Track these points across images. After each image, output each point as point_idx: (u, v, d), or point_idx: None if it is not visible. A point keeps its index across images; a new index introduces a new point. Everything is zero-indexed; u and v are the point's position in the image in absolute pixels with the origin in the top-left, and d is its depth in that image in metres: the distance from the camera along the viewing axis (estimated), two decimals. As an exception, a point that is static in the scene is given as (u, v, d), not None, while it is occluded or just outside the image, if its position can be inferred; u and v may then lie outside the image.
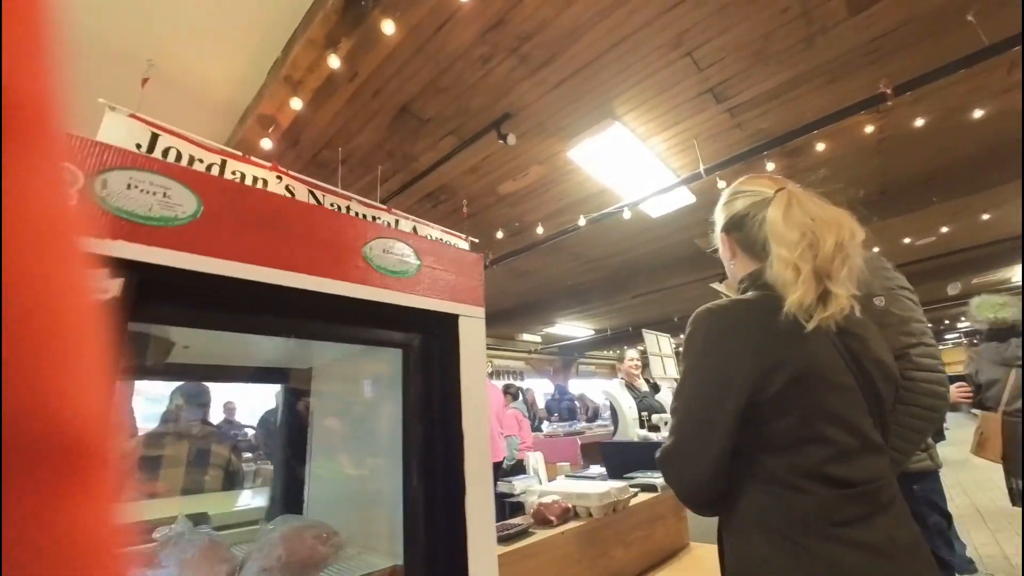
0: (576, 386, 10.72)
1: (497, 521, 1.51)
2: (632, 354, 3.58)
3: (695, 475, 0.82)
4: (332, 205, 3.19)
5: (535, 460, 3.90)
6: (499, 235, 4.41)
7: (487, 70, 2.67)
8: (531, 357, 10.47)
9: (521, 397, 4.74)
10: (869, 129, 3.34)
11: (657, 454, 0.87)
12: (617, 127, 3.14)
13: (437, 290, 0.86)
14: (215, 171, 2.78)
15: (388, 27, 1.97)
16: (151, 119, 2.53)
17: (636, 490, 1.87)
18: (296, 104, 2.42)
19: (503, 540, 1.33)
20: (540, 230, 4.27)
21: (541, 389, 9.27)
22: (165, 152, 2.59)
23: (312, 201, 3.13)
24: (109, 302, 0.55)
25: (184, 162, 2.70)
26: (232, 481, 2.65)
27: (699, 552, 1.98)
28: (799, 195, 0.89)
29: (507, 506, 1.90)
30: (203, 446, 2.42)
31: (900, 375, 1.06)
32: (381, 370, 1.01)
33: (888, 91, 2.70)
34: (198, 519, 1.58)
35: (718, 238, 1.02)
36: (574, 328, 9.41)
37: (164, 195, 0.60)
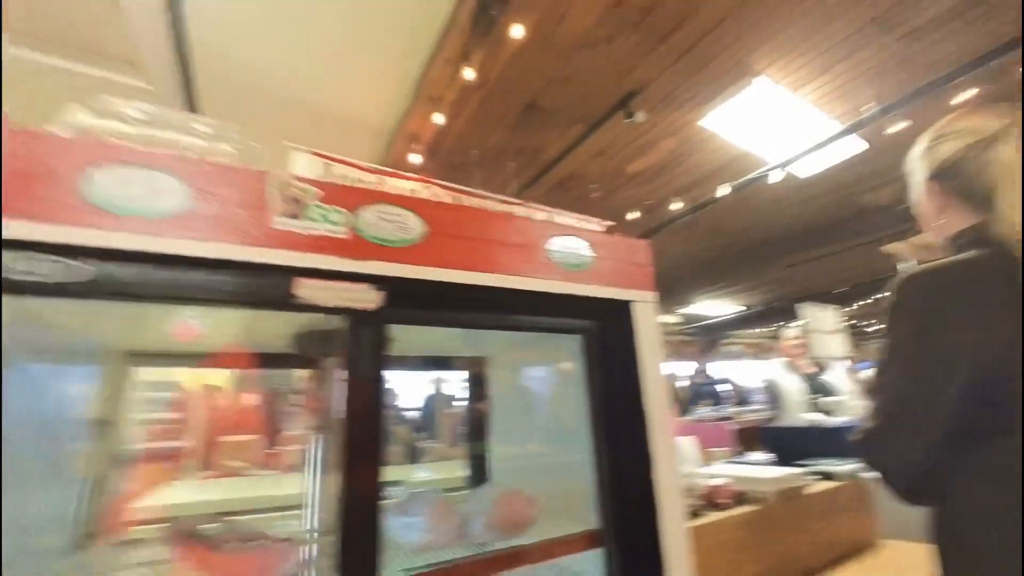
0: (720, 368, 10.04)
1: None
2: (791, 332, 3.26)
3: (909, 460, 0.74)
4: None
5: (688, 445, 3.80)
6: (630, 216, 4.33)
7: (610, 50, 2.63)
8: (670, 339, 10.06)
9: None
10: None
11: (856, 436, 0.80)
12: (758, 83, 2.86)
13: (610, 278, 0.92)
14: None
15: (517, 31, 2.07)
16: (323, 152, 3.00)
17: (815, 477, 1.73)
18: (439, 119, 2.67)
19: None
20: (674, 206, 4.08)
21: (682, 372, 8.86)
22: (337, 178, 3.04)
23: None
24: (376, 309, 0.71)
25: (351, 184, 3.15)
26: (412, 456, 3.05)
27: (891, 551, 1.76)
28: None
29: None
30: (387, 426, 2.83)
31: None
32: (555, 356, 1.11)
33: None
34: (396, 485, 1.88)
35: (918, 189, 0.89)
36: (716, 306, 8.80)
37: (401, 221, 0.74)
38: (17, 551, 0.72)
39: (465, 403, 1.53)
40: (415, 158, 3.07)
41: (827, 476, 1.83)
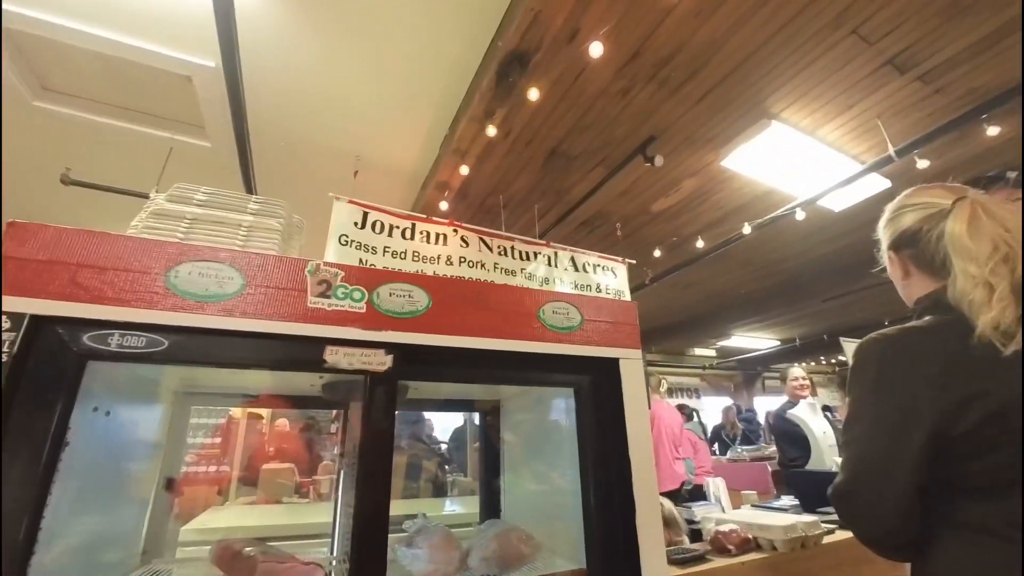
0: (764, 404, 9.65)
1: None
2: (797, 372, 3.22)
3: (880, 514, 0.76)
4: (500, 247, 3.61)
5: (715, 486, 3.71)
6: (656, 253, 4.38)
7: (627, 101, 2.78)
8: (706, 373, 9.79)
9: (696, 418, 4.53)
10: None
11: (830, 491, 0.84)
12: (775, 126, 2.93)
13: (598, 338, 1.03)
14: (408, 234, 3.39)
15: (533, 94, 2.26)
16: (361, 201, 3.25)
17: (831, 527, 1.71)
18: (464, 170, 2.88)
19: (678, 563, 1.39)
20: (700, 243, 4.12)
21: (717, 407, 8.57)
22: (373, 225, 3.27)
23: (484, 247, 3.59)
24: (387, 370, 0.86)
25: (387, 231, 3.36)
26: (440, 490, 3.15)
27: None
28: (986, 203, 0.81)
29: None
30: (416, 460, 2.96)
31: None
32: (557, 403, 1.22)
33: None
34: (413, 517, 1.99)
35: (885, 257, 0.97)
36: (754, 340, 8.55)
37: (409, 296, 0.89)
38: (86, 565, 0.88)
39: (481, 442, 1.65)
40: (444, 205, 3.28)
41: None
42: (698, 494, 4.06)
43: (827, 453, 2.77)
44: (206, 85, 2.71)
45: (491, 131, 2.54)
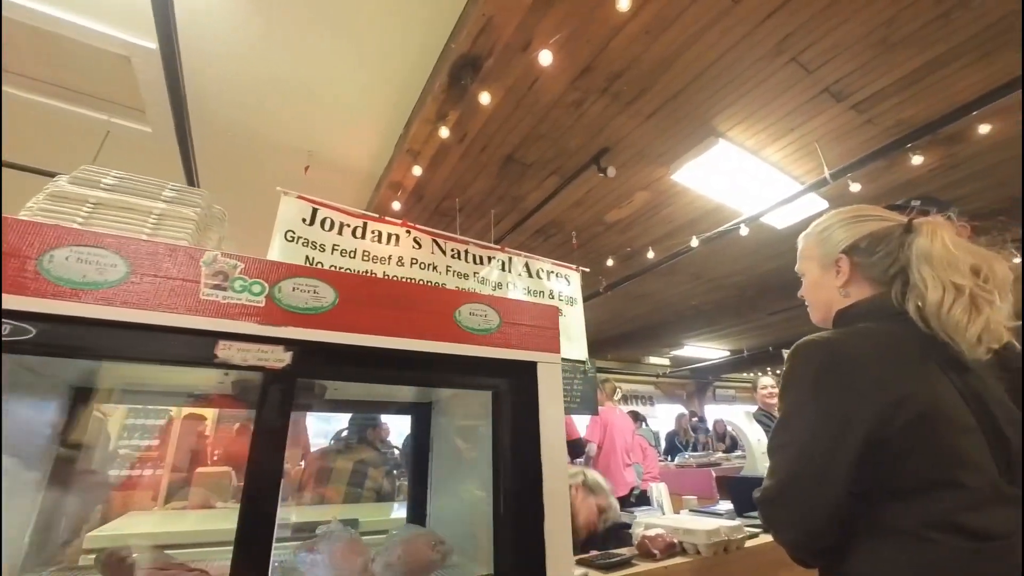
0: (715, 412, 9.96)
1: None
2: (766, 381, 3.34)
3: (807, 521, 0.75)
4: (453, 250, 3.59)
5: (658, 491, 3.79)
6: (609, 263, 4.47)
7: (581, 112, 2.83)
8: (660, 381, 10.03)
9: (645, 425, 4.62)
10: (1055, 100, 2.73)
11: (756, 495, 0.84)
12: (722, 144, 3.05)
13: (517, 342, 1.03)
14: (359, 233, 3.33)
15: (485, 98, 2.26)
16: (311, 197, 3.17)
17: (755, 531, 1.77)
18: (417, 171, 2.85)
19: (603, 568, 1.40)
20: (651, 255, 4.23)
21: (671, 414, 8.78)
22: (323, 222, 3.19)
23: (437, 249, 3.55)
24: (285, 367, 0.82)
25: (336, 228, 3.28)
26: (383, 495, 3.08)
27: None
28: (947, 227, 0.84)
29: (624, 537, 1.93)
30: (362, 466, 2.88)
31: None
32: (480, 406, 1.20)
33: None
34: (349, 524, 1.93)
35: (823, 260, 0.97)
36: (705, 349, 8.83)
37: (314, 292, 0.86)
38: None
39: (412, 446, 1.61)
40: (396, 205, 3.24)
41: (772, 529, 1.86)
42: (646, 499, 4.13)
43: (759, 460, 2.87)
44: (145, 67, 2.58)
45: (444, 133, 2.53)
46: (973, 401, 0.76)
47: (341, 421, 3.12)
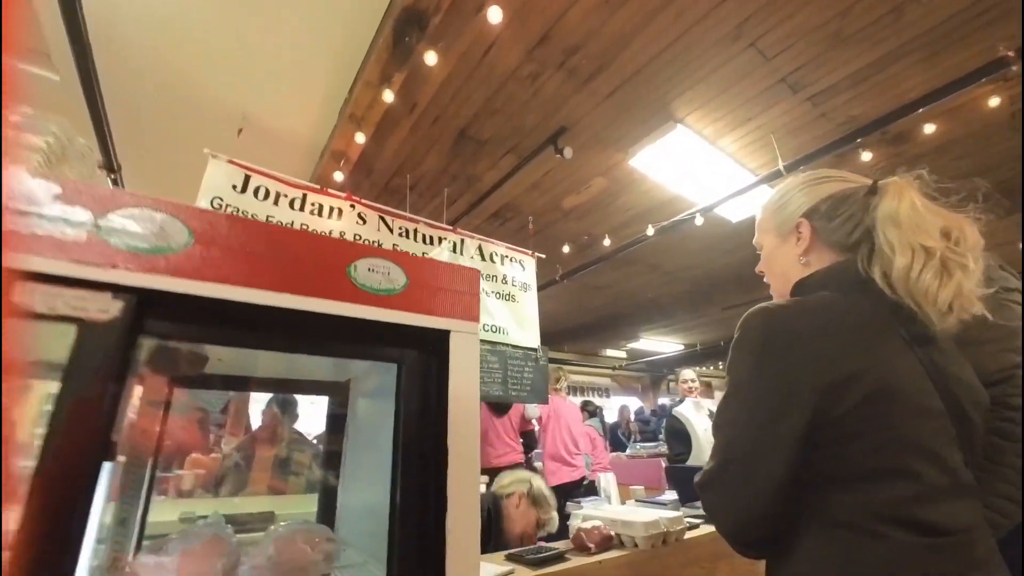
0: (669, 406, 10.14)
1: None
2: (688, 374, 3.35)
3: (744, 506, 0.68)
4: (401, 228, 3.40)
5: (606, 481, 3.75)
6: (565, 249, 4.38)
7: (537, 87, 2.70)
8: (617, 374, 10.13)
9: (599, 415, 4.58)
10: (995, 102, 2.82)
11: (696, 478, 0.76)
12: (680, 130, 2.99)
13: (427, 306, 0.88)
14: (297, 204, 3.08)
15: (431, 58, 2.09)
16: (245, 163, 2.90)
17: (696, 521, 1.71)
18: (360, 138, 2.64)
19: (532, 564, 1.29)
20: (607, 242, 4.16)
21: (631, 407, 8.87)
22: (256, 190, 2.93)
23: (383, 226, 3.35)
24: (113, 320, 0.65)
25: (272, 198, 3.03)
26: (313, 485, 2.87)
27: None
28: (915, 187, 0.77)
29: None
30: (288, 453, 2.66)
31: (1004, 403, 0.87)
32: (388, 384, 1.05)
33: (1010, 54, 2.28)
34: (265, 518, 1.73)
35: (781, 227, 0.89)
36: (661, 343, 8.96)
37: (160, 228, 0.69)
38: None
39: (326, 432, 1.45)
40: (339, 175, 3.02)
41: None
42: (592, 490, 4.09)
43: (706, 450, 2.85)
44: (43, 4, 2.25)
45: (388, 97, 2.34)
46: (940, 380, 0.69)
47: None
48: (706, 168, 3.35)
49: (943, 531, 0.59)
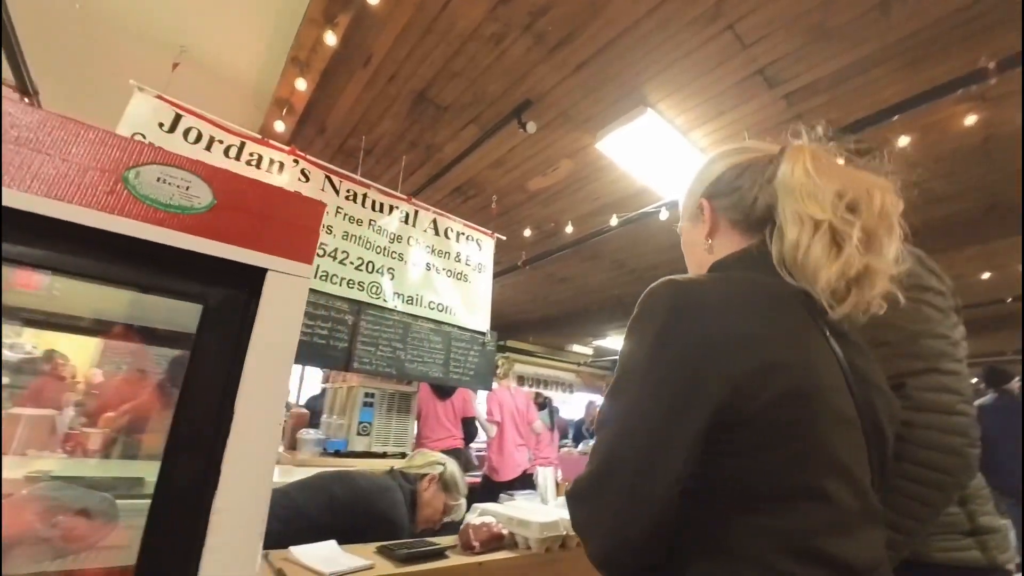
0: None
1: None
2: None
3: (624, 524, 0.53)
4: (348, 191, 3.18)
5: (544, 476, 3.62)
6: (526, 233, 4.21)
7: (501, 50, 2.51)
8: (581, 370, 10.07)
9: (548, 408, 4.46)
10: (970, 120, 2.74)
11: (567, 487, 0.62)
12: (650, 116, 2.84)
13: (238, 236, 0.70)
14: (233, 152, 2.84)
15: (374, -2, 1.88)
16: (177, 101, 2.64)
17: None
18: (301, 84, 2.42)
19: (400, 559, 1.13)
20: (569, 228, 4.01)
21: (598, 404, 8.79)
22: (186, 132, 2.69)
23: (329, 187, 3.13)
24: None
25: (204, 142, 2.79)
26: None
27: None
28: (820, 151, 0.69)
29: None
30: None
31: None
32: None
33: (991, 66, 2.18)
34: (133, 483, 1.55)
35: (689, 209, 0.83)
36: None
37: None
38: None
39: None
40: (280, 125, 2.79)
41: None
42: (531, 483, 3.98)
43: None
44: None
45: (330, 39, 2.12)
46: (858, 385, 0.57)
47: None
48: (675, 161, 3.22)
49: (852, 568, 0.48)
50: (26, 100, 2.72)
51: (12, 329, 0.98)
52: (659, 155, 3.15)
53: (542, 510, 1.56)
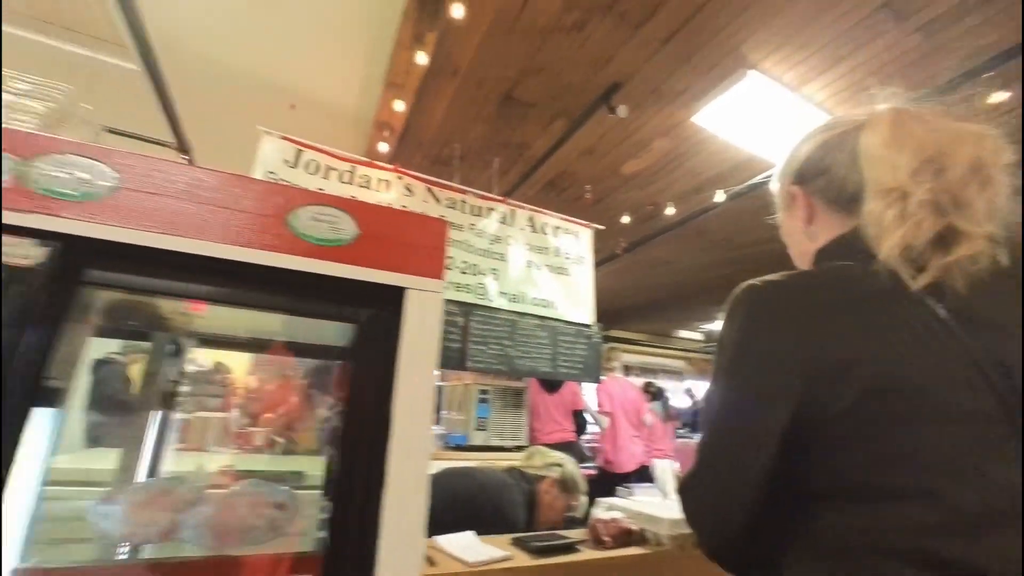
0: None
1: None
2: None
3: (723, 516, 0.57)
4: (449, 199, 3.35)
5: (662, 469, 3.53)
6: (624, 220, 4.09)
7: (584, 37, 2.47)
8: (692, 356, 9.57)
9: (661, 399, 4.33)
10: None
11: (677, 484, 0.68)
12: (753, 77, 2.61)
13: (380, 260, 0.79)
14: (347, 177, 3.13)
15: (457, 11, 1.96)
16: (296, 139, 2.98)
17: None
18: (399, 106, 2.60)
19: (535, 551, 1.19)
20: (671, 211, 3.82)
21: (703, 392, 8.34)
22: (307, 165, 3.02)
23: (431, 197, 3.33)
24: (38, 267, 0.63)
25: (322, 172, 3.10)
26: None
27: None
28: (917, 111, 0.62)
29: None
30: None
31: None
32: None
33: None
34: (294, 476, 1.79)
35: (783, 201, 0.79)
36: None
37: (86, 173, 0.66)
38: None
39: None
40: (383, 146, 3.01)
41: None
42: (649, 476, 3.89)
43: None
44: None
45: (421, 59, 2.25)
46: (990, 370, 0.49)
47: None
48: (788, 123, 2.91)
49: (973, 571, 0.44)
50: (185, 158, 3.26)
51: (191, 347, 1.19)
52: (766, 119, 2.88)
53: (670, 505, 1.53)
